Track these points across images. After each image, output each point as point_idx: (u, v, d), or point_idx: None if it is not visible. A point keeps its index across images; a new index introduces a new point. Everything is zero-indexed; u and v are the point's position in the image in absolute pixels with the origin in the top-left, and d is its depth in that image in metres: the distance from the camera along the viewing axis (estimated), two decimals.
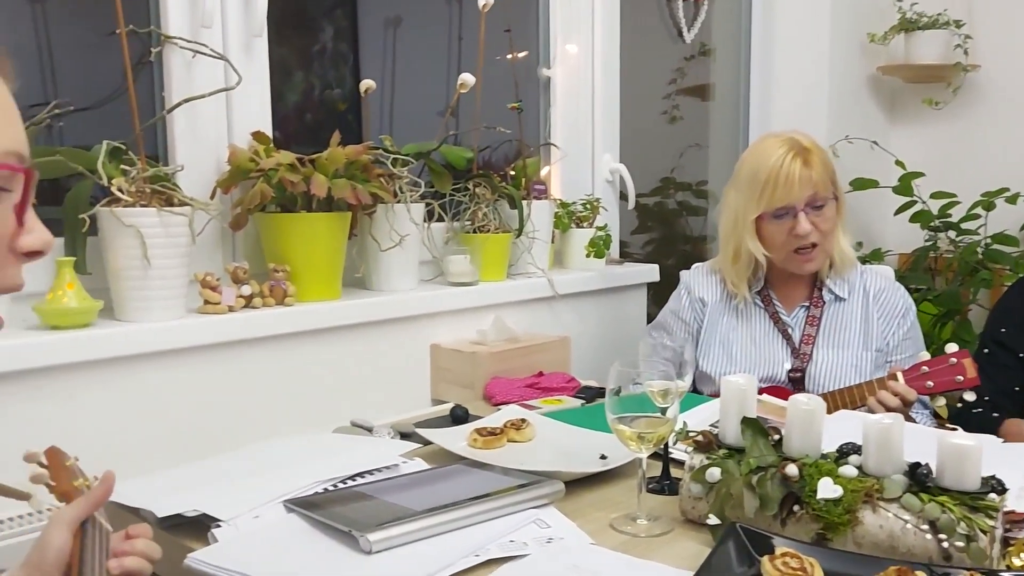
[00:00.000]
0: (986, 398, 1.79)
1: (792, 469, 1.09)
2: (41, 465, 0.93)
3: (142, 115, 1.50)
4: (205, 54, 1.58)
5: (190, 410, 1.49)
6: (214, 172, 1.65)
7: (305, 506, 1.13)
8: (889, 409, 1.59)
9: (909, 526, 1.02)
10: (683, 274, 2.00)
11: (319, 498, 1.17)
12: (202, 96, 1.57)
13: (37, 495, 0.91)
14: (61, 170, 1.41)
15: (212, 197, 1.62)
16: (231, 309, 1.55)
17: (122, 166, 1.46)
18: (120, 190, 1.42)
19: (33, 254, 0.70)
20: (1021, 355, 1.80)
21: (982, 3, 2.94)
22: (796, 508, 1.09)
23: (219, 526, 1.09)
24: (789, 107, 2.93)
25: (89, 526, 0.87)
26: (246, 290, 1.57)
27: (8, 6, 1.59)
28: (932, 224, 2.86)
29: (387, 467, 1.30)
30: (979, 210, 2.80)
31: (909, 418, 1.65)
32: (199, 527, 1.10)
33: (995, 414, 1.79)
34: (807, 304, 1.84)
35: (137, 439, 1.43)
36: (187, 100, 1.56)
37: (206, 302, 1.53)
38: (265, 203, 1.61)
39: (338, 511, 1.10)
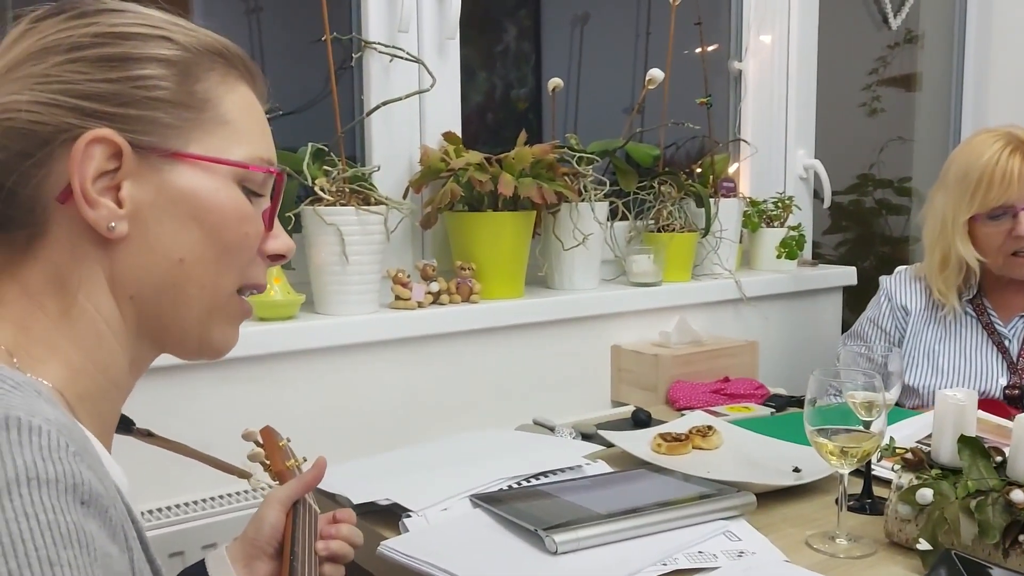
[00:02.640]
0: None
1: (1018, 495, 0.99)
2: (257, 444, 0.99)
3: (343, 118, 1.58)
4: (402, 58, 1.63)
5: (380, 401, 1.55)
6: (407, 172, 1.71)
7: (490, 502, 1.14)
8: None
9: None
10: (883, 279, 1.87)
11: (504, 495, 1.18)
12: (398, 99, 1.62)
13: (256, 474, 0.97)
14: None
15: (405, 196, 1.68)
16: (420, 305, 1.59)
17: (324, 167, 1.54)
18: (322, 190, 1.50)
19: (277, 257, 0.74)
20: None
21: None
22: (1021, 538, 0.98)
23: (409, 516, 1.12)
24: (1008, 99, 2.67)
25: (300, 507, 0.92)
26: (434, 287, 1.62)
27: (226, 16, 1.72)
28: None
29: (570, 468, 1.29)
30: None
31: None
32: (390, 516, 1.14)
33: None
34: None
35: (333, 426, 1.50)
36: (385, 103, 1.62)
37: (397, 298, 1.58)
38: (454, 202, 1.65)
39: (523, 509, 1.11)
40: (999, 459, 1.05)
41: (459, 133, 1.75)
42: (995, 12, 2.70)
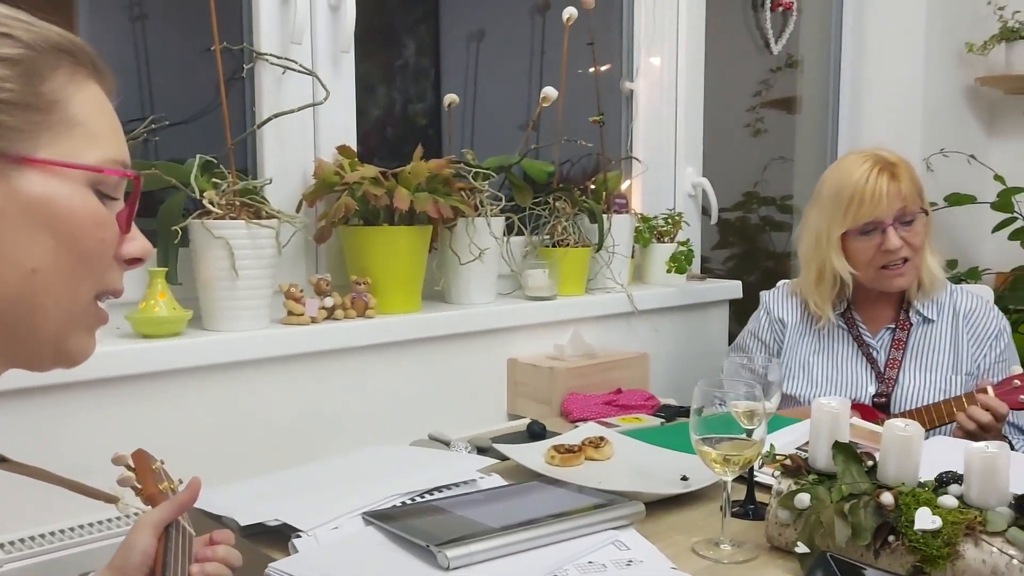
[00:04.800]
0: None
1: (888, 497, 1.04)
2: (128, 468, 0.95)
3: (233, 130, 1.54)
4: (294, 70, 1.61)
5: (272, 419, 1.52)
6: (300, 185, 1.68)
7: (383, 519, 1.13)
8: (981, 425, 1.52)
9: (1015, 562, 0.96)
10: (763, 294, 1.95)
11: (397, 511, 1.17)
12: (291, 111, 1.60)
13: (124, 498, 0.93)
14: (156, 183, 1.45)
15: (298, 210, 1.65)
16: (313, 320, 1.57)
17: (213, 179, 1.50)
18: (211, 203, 1.46)
19: (134, 261, 0.72)
20: None
21: None
22: (891, 539, 1.04)
23: (299, 536, 1.10)
24: (881, 120, 2.84)
25: (173, 530, 0.88)
26: (328, 302, 1.60)
27: (110, 23, 1.66)
28: None
29: (464, 482, 1.29)
30: None
31: (1001, 435, 1.57)
32: (280, 536, 1.12)
33: None
34: (893, 326, 1.77)
35: (221, 446, 1.46)
36: (276, 115, 1.59)
37: (290, 313, 1.56)
38: (348, 216, 1.63)
39: (416, 525, 1.10)
40: (870, 463, 1.11)
41: (354, 147, 1.73)
42: (867, 39, 2.86)
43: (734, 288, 2.34)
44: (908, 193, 1.68)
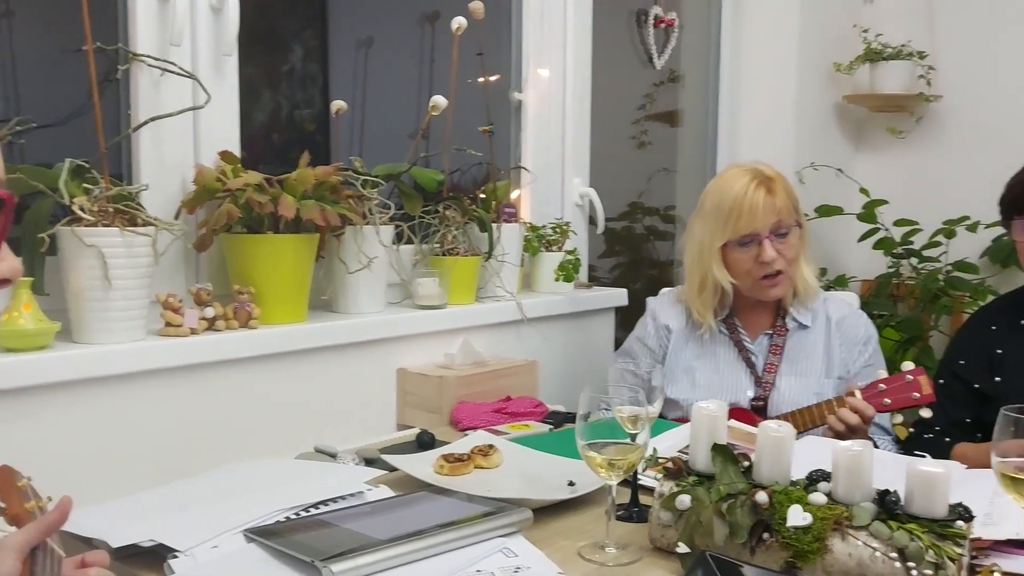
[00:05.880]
0: (936, 428, 1.81)
1: (762, 496, 1.09)
2: None
3: (107, 133, 1.48)
4: (173, 72, 1.56)
5: (149, 436, 1.46)
6: (179, 192, 1.62)
7: (265, 535, 1.10)
8: (849, 426, 1.61)
9: (878, 554, 1.01)
10: (649, 301, 2.00)
11: (280, 527, 1.14)
12: (169, 115, 1.54)
13: None
14: (21, 188, 1.37)
15: (177, 217, 1.60)
16: (193, 331, 1.52)
17: (85, 185, 1.43)
18: (82, 209, 1.40)
19: (3, 282, 0.68)
20: (977, 387, 1.81)
21: (944, 35, 3.01)
22: (766, 536, 1.08)
23: (176, 557, 1.06)
24: (756, 134, 2.97)
25: (40, 552, 0.84)
26: (209, 312, 1.55)
27: None
28: (895, 251, 2.91)
29: (352, 495, 1.28)
30: (940, 238, 2.85)
31: (868, 436, 1.66)
32: (155, 558, 1.07)
33: (947, 440, 1.81)
34: (770, 332, 1.85)
35: (93, 465, 1.39)
36: (154, 119, 1.53)
37: (167, 324, 1.50)
38: (231, 224, 1.59)
39: (300, 540, 1.08)
40: (747, 464, 1.16)
41: (237, 152, 1.69)
42: (744, 57, 2.99)
43: (620, 296, 2.40)
44: (783, 207, 1.76)
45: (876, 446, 1.69)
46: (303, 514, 1.20)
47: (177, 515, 1.17)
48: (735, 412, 1.68)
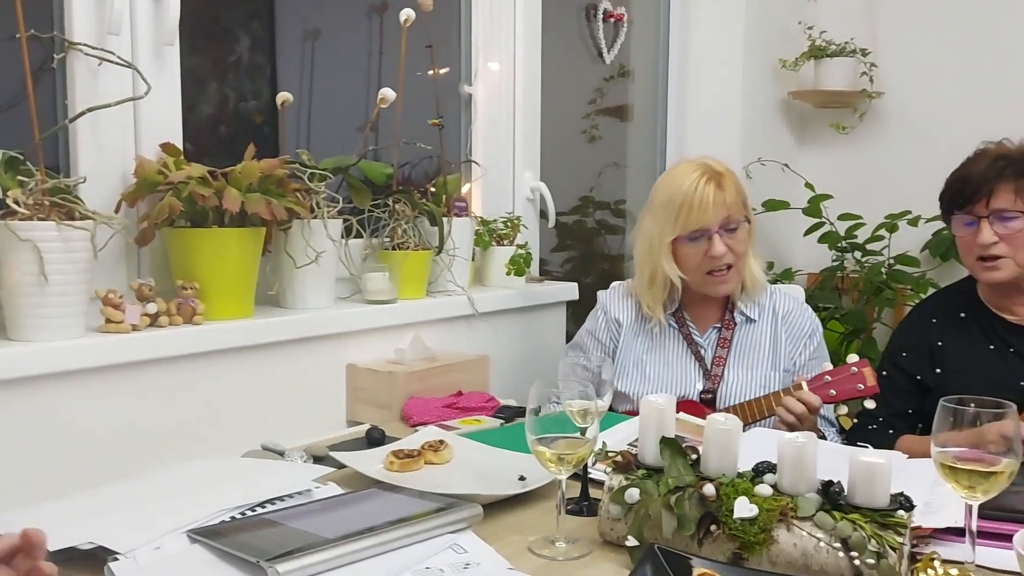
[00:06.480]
0: (880, 418, 1.85)
1: (709, 489, 1.10)
2: None
3: (42, 124, 1.43)
4: (112, 62, 1.52)
5: (89, 436, 1.42)
6: (120, 185, 1.58)
7: (210, 535, 1.08)
8: (797, 417, 1.64)
9: (822, 544, 1.03)
10: (600, 294, 2.01)
11: (225, 527, 1.12)
12: (107, 105, 1.50)
13: None
14: None
15: (117, 211, 1.55)
16: (135, 328, 1.48)
17: (19, 177, 1.39)
18: (16, 203, 1.35)
19: None
20: (918, 378, 1.85)
21: (886, 33, 3.07)
22: (713, 528, 1.09)
23: (116, 559, 1.03)
24: (704, 129, 3.00)
25: None
26: (151, 308, 1.51)
27: None
28: (839, 245, 2.96)
29: (299, 493, 1.26)
30: (883, 231, 2.91)
31: (815, 427, 1.69)
32: (94, 561, 1.04)
33: (891, 431, 1.85)
34: (719, 326, 1.87)
35: (29, 466, 1.35)
36: (91, 109, 1.49)
37: (108, 320, 1.46)
38: (174, 218, 1.55)
39: (245, 540, 1.06)
40: (694, 456, 1.17)
41: (180, 144, 1.65)
42: (691, 53, 3.02)
43: (571, 290, 2.40)
44: (733, 202, 1.77)
45: (824, 437, 1.73)
46: (249, 513, 1.18)
47: (117, 516, 1.14)
48: (684, 405, 1.70)
